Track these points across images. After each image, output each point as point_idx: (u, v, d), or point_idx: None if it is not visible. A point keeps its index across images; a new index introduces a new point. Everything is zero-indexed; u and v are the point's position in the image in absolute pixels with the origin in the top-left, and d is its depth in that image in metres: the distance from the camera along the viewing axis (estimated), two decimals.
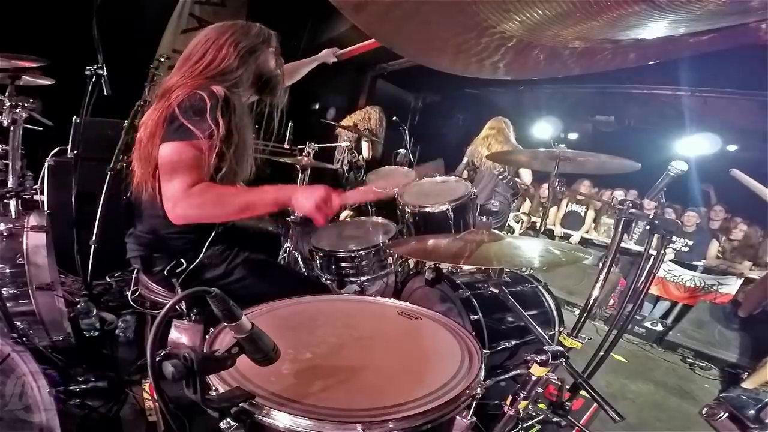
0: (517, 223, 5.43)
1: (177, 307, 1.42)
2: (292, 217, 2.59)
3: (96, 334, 2.30)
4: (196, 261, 1.46)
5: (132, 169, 1.47)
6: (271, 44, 1.58)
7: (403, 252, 2.06)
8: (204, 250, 1.47)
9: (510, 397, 1.09)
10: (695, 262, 4.26)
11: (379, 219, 2.52)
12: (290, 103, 1.74)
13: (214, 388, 0.83)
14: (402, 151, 3.57)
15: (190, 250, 1.47)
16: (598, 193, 5.43)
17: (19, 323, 1.83)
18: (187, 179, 1.26)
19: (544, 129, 5.30)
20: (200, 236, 1.47)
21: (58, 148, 2.86)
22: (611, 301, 4.23)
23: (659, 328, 3.82)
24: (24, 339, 1.76)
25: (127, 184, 1.57)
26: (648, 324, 3.87)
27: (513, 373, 1.92)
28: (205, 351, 0.93)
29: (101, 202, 2.52)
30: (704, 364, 3.34)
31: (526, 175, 3.86)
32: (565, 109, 5.68)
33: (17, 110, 2.20)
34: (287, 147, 3.13)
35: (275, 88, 1.62)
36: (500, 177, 3.58)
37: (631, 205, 1.71)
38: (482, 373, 0.97)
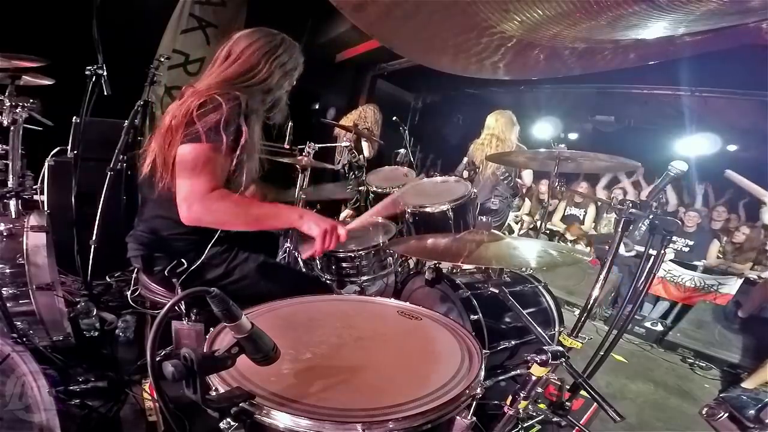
0: (517, 224, 5.44)
1: (176, 307, 1.42)
2: None
3: (96, 334, 2.30)
4: (198, 262, 1.46)
5: (141, 162, 1.44)
6: (300, 68, 1.60)
7: (403, 250, 2.06)
8: (206, 251, 1.47)
9: (510, 397, 1.09)
10: (695, 262, 4.26)
11: (379, 219, 2.52)
12: (290, 104, 1.74)
13: (214, 388, 0.83)
14: (402, 151, 3.56)
15: (192, 251, 1.47)
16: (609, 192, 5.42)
17: (19, 323, 1.83)
18: (207, 182, 1.27)
19: (544, 129, 5.31)
20: (202, 238, 1.46)
21: (58, 148, 2.86)
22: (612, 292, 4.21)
23: (659, 328, 3.82)
24: (24, 339, 1.76)
25: (128, 183, 1.57)
26: (648, 324, 3.86)
27: (513, 373, 1.93)
28: (205, 351, 0.93)
29: (101, 202, 2.52)
30: (704, 364, 3.34)
31: (527, 177, 3.84)
32: (565, 109, 5.68)
33: (17, 110, 2.20)
34: (287, 147, 3.13)
35: (278, 107, 1.62)
36: (502, 178, 3.56)
37: (631, 205, 1.71)
38: (482, 373, 0.97)
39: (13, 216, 2.14)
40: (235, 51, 1.47)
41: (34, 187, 2.68)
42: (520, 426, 1.61)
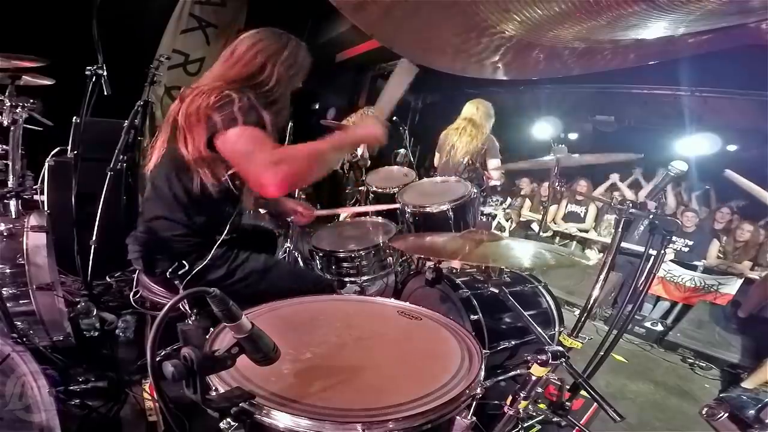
0: (507, 221, 5.43)
1: (180, 306, 1.42)
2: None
3: (96, 334, 2.30)
4: (200, 264, 1.45)
5: (145, 162, 1.45)
6: (306, 71, 1.57)
7: (402, 247, 2.06)
8: (210, 253, 1.46)
9: (510, 397, 1.09)
10: (695, 262, 4.26)
11: (379, 219, 2.52)
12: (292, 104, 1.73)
13: (214, 388, 0.83)
14: (402, 151, 3.56)
15: (193, 253, 1.46)
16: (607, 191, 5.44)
17: (19, 323, 1.83)
18: (266, 150, 1.23)
19: (544, 129, 5.29)
20: (203, 240, 1.46)
21: (58, 148, 2.86)
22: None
23: (659, 328, 3.82)
24: (24, 339, 1.77)
25: (128, 183, 1.57)
26: (648, 324, 3.86)
27: (513, 373, 1.92)
28: (205, 351, 0.93)
29: (101, 202, 2.52)
30: (704, 364, 3.34)
31: (493, 165, 3.72)
32: (565, 109, 5.68)
33: (17, 110, 2.20)
34: None
35: (282, 109, 1.58)
36: (464, 162, 3.44)
37: (631, 204, 1.71)
38: (482, 373, 0.97)
39: (13, 216, 2.13)
40: (239, 51, 1.44)
41: (34, 187, 2.68)
42: (520, 426, 1.61)
